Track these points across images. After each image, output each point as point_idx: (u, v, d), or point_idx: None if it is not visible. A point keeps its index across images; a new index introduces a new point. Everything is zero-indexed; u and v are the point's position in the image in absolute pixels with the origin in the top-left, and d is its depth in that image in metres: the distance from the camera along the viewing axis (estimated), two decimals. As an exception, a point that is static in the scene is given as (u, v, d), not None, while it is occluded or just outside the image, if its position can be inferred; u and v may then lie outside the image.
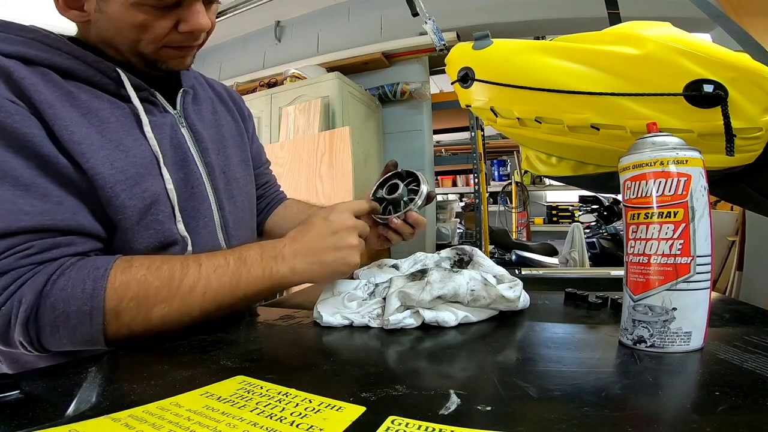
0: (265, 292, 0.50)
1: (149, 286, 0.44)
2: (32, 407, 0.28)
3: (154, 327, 0.45)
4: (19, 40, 0.48)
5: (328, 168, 1.83)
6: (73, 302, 0.42)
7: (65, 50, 0.50)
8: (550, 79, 0.52)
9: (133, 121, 0.53)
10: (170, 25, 0.51)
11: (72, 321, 0.42)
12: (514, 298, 0.50)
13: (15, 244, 0.42)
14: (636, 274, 0.39)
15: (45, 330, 0.42)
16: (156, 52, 0.53)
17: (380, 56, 2.34)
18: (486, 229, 2.52)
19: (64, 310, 0.42)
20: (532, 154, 0.80)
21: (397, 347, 0.43)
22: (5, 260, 0.41)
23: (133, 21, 0.49)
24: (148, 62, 0.54)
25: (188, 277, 0.46)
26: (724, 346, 0.38)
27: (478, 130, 2.52)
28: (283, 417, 0.25)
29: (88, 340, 0.43)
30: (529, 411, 0.27)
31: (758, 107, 0.46)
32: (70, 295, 0.42)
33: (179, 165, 0.57)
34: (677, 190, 0.37)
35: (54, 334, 0.42)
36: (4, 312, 0.41)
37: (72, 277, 0.42)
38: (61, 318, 0.42)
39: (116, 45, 0.52)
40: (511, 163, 3.99)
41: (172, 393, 0.29)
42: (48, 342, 0.43)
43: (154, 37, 0.51)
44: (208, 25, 0.53)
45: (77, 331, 0.42)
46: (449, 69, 0.63)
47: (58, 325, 0.42)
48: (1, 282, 0.41)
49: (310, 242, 0.52)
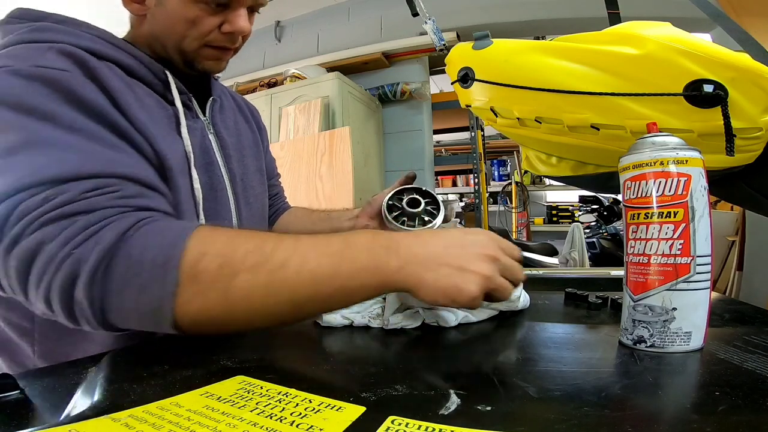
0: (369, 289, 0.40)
1: (237, 246, 0.39)
2: (32, 407, 0.28)
3: (232, 305, 0.38)
4: (87, 36, 0.51)
5: (328, 168, 1.83)
6: (150, 251, 0.37)
7: (125, 49, 0.54)
8: (550, 79, 0.52)
9: (173, 122, 0.56)
10: (216, 24, 0.56)
11: (143, 275, 0.37)
12: (514, 299, 0.50)
13: (107, 185, 0.40)
14: (636, 274, 0.39)
15: (112, 286, 0.37)
16: (197, 50, 0.57)
17: (380, 56, 2.34)
18: (486, 229, 2.52)
19: (139, 258, 0.37)
20: (532, 154, 0.80)
21: (397, 347, 0.43)
22: (95, 198, 0.39)
23: (186, 15, 0.54)
24: (187, 61, 0.59)
25: (282, 247, 0.39)
26: (724, 346, 0.38)
27: (478, 130, 2.52)
28: (283, 417, 0.25)
29: (155, 309, 0.37)
30: (529, 411, 0.27)
31: (758, 107, 0.46)
32: (149, 242, 0.38)
33: (205, 168, 0.59)
34: (677, 190, 0.37)
35: (121, 292, 0.37)
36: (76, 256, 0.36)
37: (158, 226, 0.39)
38: (134, 270, 0.37)
39: (164, 40, 0.57)
40: (511, 163, 3.99)
41: (172, 393, 0.29)
42: (111, 305, 0.37)
43: (200, 34, 0.56)
44: (248, 29, 0.58)
45: (146, 291, 0.37)
46: (449, 69, 0.63)
47: (127, 280, 0.37)
48: (86, 219, 0.38)
49: (434, 245, 0.41)
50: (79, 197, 0.38)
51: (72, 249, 0.36)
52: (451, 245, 0.41)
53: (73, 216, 0.38)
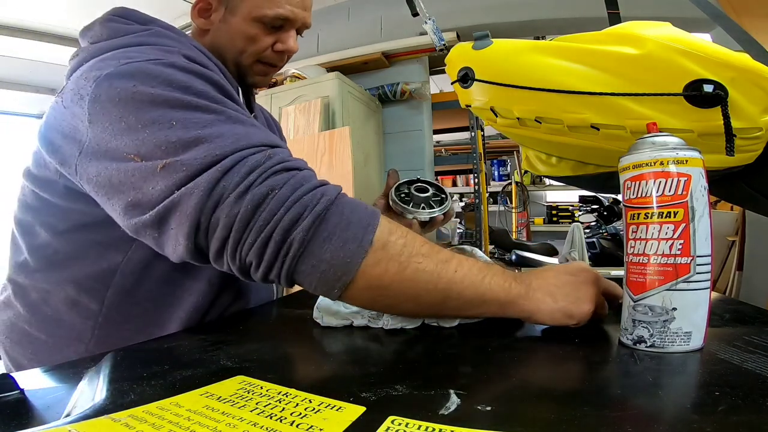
0: (496, 306, 0.46)
1: (414, 238, 0.45)
2: (32, 407, 0.28)
3: (405, 280, 0.43)
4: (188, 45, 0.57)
5: (328, 168, 1.83)
6: (358, 213, 0.43)
7: (214, 60, 0.60)
8: (550, 79, 0.52)
9: None
10: (270, 43, 0.64)
11: (349, 231, 0.42)
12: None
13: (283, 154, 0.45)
14: (636, 274, 0.39)
15: (324, 233, 0.41)
16: (251, 65, 0.66)
17: (380, 56, 2.33)
18: (486, 229, 2.52)
19: (349, 217, 0.42)
20: (532, 154, 0.80)
21: (397, 347, 0.43)
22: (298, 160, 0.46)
23: (247, 32, 0.62)
24: (241, 73, 0.66)
25: (444, 251, 0.46)
26: (724, 346, 0.38)
27: (478, 130, 2.52)
28: (283, 417, 0.25)
29: (346, 262, 0.41)
30: (529, 411, 0.27)
31: (758, 107, 0.46)
32: (356, 207, 0.43)
33: None
34: (677, 190, 0.37)
35: (327, 241, 0.41)
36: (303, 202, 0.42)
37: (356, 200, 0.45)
38: (343, 224, 0.42)
39: (224, 53, 0.64)
40: (511, 163, 3.99)
41: (172, 393, 0.29)
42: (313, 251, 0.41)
43: (256, 50, 0.64)
44: (296, 49, 0.67)
45: (346, 245, 0.41)
46: (449, 69, 0.63)
47: (336, 231, 0.41)
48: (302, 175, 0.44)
49: (548, 278, 0.48)
50: (289, 158, 0.45)
51: (302, 195, 0.42)
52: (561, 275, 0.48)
53: (294, 170, 0.44)
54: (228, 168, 0.42)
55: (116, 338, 0.54)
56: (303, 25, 0.67)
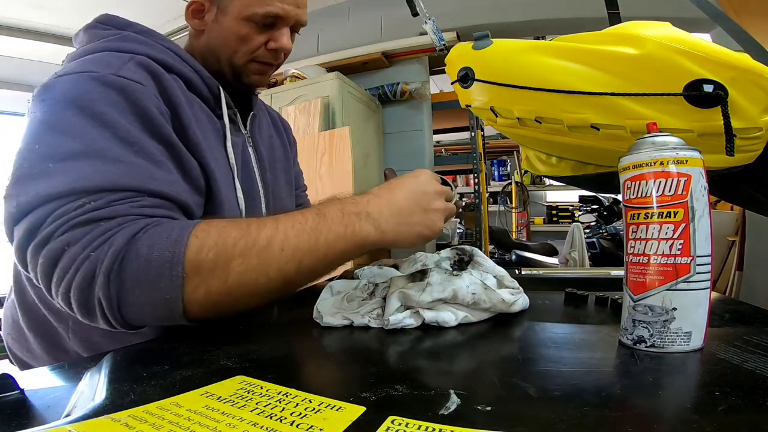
0: (348, 254, 0.48)
1: (228, 235, 0.43)
2: (32, 407, 0.28)
3: (231, 287, 0.43)
4: (160, 48, 0.57)
5: (327, 168, 1.83)
6: (157, 248, 0.41)
7: (189, 62, 0.59)
8: (550, 79, 0.52)
9: (221, 136, 0.61)
10: (263, 42, 0.63)
11: (152, 272, 0.41)
12: (514, 302, 0.50)
13: (134, 197, 0.45)
14: (636, 274, 0.39)
15: (125, 284, 0.41)
16: (245, 64, 0.64)
17: (380, 56, 2.33)
18: (486, 229, 2.52)
19: (147, 257, 0.41)
20: (532, 154, 0.80)
21: (397, 347, 0.43)
22: (119, 206, 0.43)
23: (239, 32, 0.61)
24: (236, 74, 0.65)
25: (265, 229, 0.45)
26: (724, 346, 0.38)
27: (478, 130, 2.52)
28: (283, 417, 0.25)
29: (166, 300, 0.41)
30: (529, 411, 0.27)
31: (758, 107, 0.46)
32: (156, 241, 0.42)
33: (244, 179, 0.64)
34: (677, 190, 0.37)
35: (134, 289, 0.41)
36: (93, 258, 0.41)
37: (163, 227, 0.43)
38: (143, 267, 0.41)
39: (218, 53, 0.64)
40: (511, 163, 3.99)
41: (172, 393, 0.29)
42: (127, 302, 0.41)
43: (249, 49, 0.63)
44: (290, 47, 0.66)
45: (155, 285, 0.41)
46: (449, 69, 0.63)
47: (138, 277, 0.41)
48: (106, 224, 0.42)
49: (398, 200, 0.49)
50: (107, 205, 0.43)
51: (90, 252, 0.40)
52: (410, 193, 0.50)
53: (97, 221, 0.42)
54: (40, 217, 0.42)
55: (91, 342, 0.55)
56: (297, 23, 0.66)
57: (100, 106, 0.46)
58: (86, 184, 0.43)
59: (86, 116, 0.45)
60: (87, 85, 0.47)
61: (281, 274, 0.44)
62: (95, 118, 0.46)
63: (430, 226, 0.50)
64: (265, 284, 0.44)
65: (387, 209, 0.49)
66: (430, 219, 0.50)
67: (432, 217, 0.50)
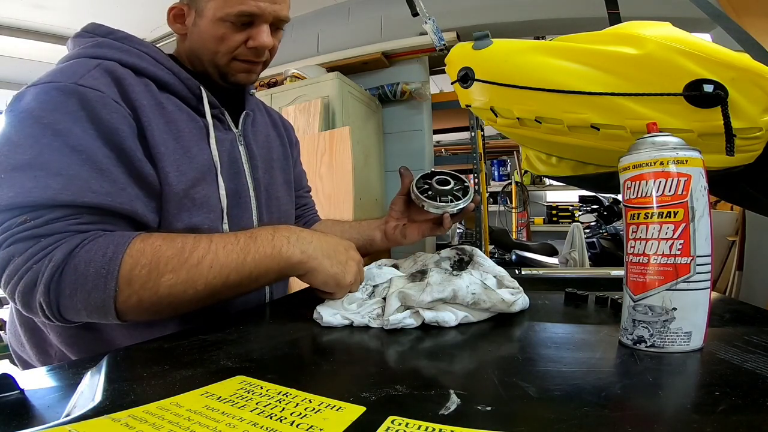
0: (273, 273, 0.51)
1: (161, 254, 0.47)
2: (32, 407, 0.28)
3: (161, 297, 0.47)
4: (135, 53, 0.58)
5: (328, 168, 1.83)
6: (93, 265, 0.45)
7: (167, 66, 0.61)
8: (550, 79, 0.52)
9: (203, 134, 0.62)
10: (242, 40, 0.63)
11: (88, 284, 0.45)
12: (514, 302, 0.50)
13: (72, 214, 0.48)
14: (636, 274, 0.39)
15: (65, 292, 0.45)
16: (228, 64, 0.65)
17: (380, 56, 2.33)
18: (486, 229, 2.52)
19: (84, 272, 0.45)
20: (532, 154, 0.80)
21: (397, 347, 0.43)
22: (58, 224, 0.47)
23: (215, 33, 0.62)
24: (221, 74, 0.66)
25: (198, 250, 0.49)
26: (724, 346, 0.38)
27: (478, 130, 2.52)
28: (283, 417, 0.25)
29: (100, 307, 0.46)
30: (529, 411, 0.27)
31: (758, 107, 0.46)
32: (92, 257, 0.46)
33: (232, 176, 0.65)
34: (677, 190, 0.37)
35: (72, 296, 0.45)
36: (35, 270, 0.45)
37: (99, 243, 0.47)
38: (80, 280, 0.45)
39: (200, 55, 0.65)
40: (511, 163, 3.99)
41: (172, 393, 0.29)
42: (65, 306, 0.46)
43: (228, 49, 0.63)
44: (270, 43, 0.64)
45: (91, 295, 0.45)
46: (449, 69, 0.63)
47: (76, 288, 0.45)
48: (46, 241, 0.46)
49: (328, 240, 0.54)
50: (45, 223, 0.46)
51: (32, 264, 0.45)
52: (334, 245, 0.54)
53: (37, 238, 0.46)
54: None
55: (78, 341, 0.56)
56: (276, 19, 0.64)
57: (55, 116, 0.48)
58: (26, 199, 0.45)
59: (40, 126, 0.48)
60: (48, 95, 0.49)
61: (208, 287, 0.49)
62: (48, 128, 0.48)
63: (345, 272, 0.52)
64: (192, 295, 0.49)
65: (317, 241, 0.53)
66: (349, 266, 0.53)
67: (351, 265, 0.53)
